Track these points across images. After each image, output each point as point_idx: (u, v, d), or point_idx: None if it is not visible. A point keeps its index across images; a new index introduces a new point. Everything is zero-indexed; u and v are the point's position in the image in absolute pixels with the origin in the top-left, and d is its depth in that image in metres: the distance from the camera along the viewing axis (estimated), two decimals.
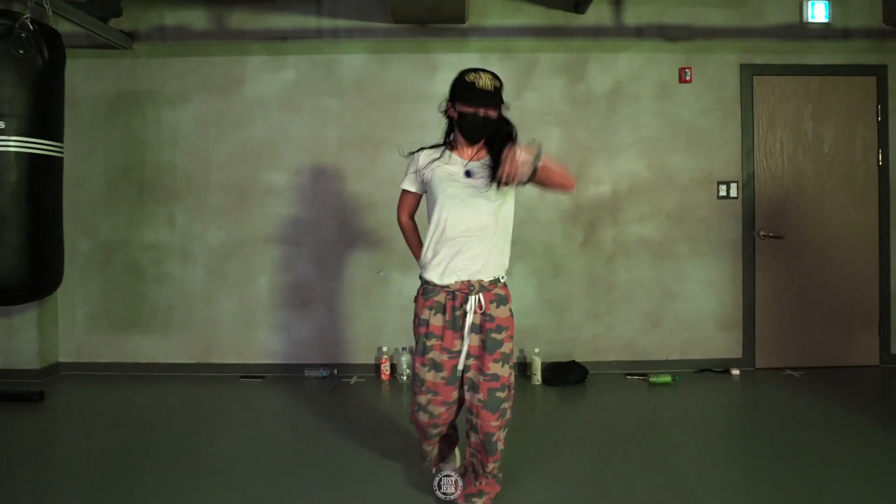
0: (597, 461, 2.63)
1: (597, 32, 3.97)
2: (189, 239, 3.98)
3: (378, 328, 3.95)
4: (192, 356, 3.99)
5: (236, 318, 3.98)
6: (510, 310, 2.06)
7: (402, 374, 3.87)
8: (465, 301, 1.97)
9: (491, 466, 2.06)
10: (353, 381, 3.88)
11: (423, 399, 2.03)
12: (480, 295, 1.98)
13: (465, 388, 2.04)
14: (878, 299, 4.03)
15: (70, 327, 4.02)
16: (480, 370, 1.99)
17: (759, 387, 3.75)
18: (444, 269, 1.98)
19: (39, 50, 2.86)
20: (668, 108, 3.98)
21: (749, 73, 3.99)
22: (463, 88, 1.97)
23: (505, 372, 2.00)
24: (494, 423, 1.98)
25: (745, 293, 4.00)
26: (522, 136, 4.31)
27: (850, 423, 3.02)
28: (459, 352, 1.99)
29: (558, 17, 3.97)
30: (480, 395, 1.98)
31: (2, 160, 2.79)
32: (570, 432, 3.01)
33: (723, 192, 4.00)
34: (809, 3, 3.93)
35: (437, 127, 3.85)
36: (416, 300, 2.09)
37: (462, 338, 1.98)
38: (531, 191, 3.93)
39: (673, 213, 3.98)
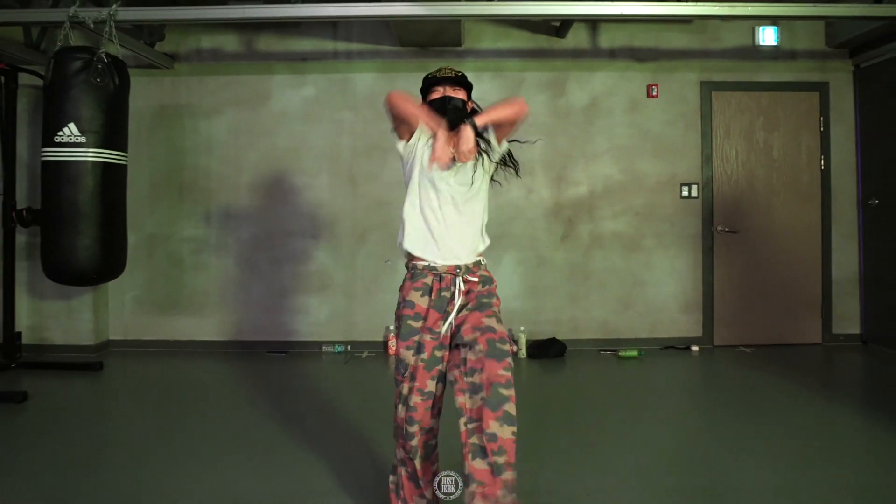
0: (571, 421, 3.14)
1: (576, 54, 4.56)
2: (223, 233, 4.59)
3: (386, 310, 4.54)
4: (224, 334, 4.60)
5: (263, 301, 4.58)
6: (495, 291, 2.01)
7: None
8: (453, 283, 1.92)
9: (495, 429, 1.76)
10: (364, 355, 4.49)
11: (405, 388, 1.93)
12: (462, 277, 1.93)
13: (462, 350, 1.86)
14: (821, 286, 4.62)
15: (119, 309, 4.64)
16: (474, 328, 1.84)
17: (715, 361, 4.34)
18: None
19: (112, 78, 3.46)
20: (637, 119, 4.56)
21: (708, 89, 4.57)
22: (426, 81, 2.08)
23: (502, 328, 1.88)
24: (501, 372, 1.77)
25: (704, 280, 4.59)
26: (511, 144, 4.97)
27: (795, 391, 3.55)
28: (440, 333, 1.90)
29: (542, 41, 4.56)
30: (480, 346, 1.79)
31: (83, 168, 3.40)
32: (550, 397, 3.59)
33: (685, 193, 4.58)
34: (760, 28, 4.51)
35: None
36: (401, 290, 2.01)
37: (445, 319, 1.91)
38: (517, 191, 4.52)
39: (642, 211, 4.57)
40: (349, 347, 4.57)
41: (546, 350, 4.40)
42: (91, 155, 3.43)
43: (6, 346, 4.23)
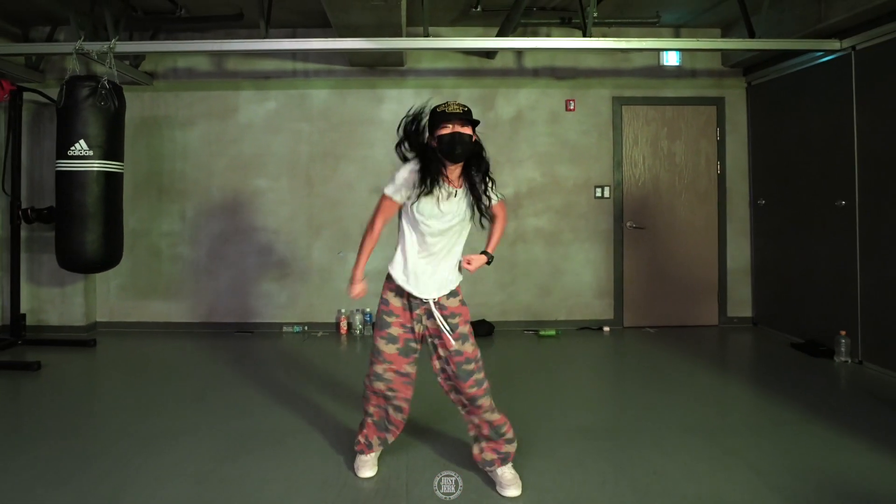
0: (496, 389, 3.81)
1: (503, 73, 5.21)
2: (196, 228, 5.24)
3: (337, 296, 5.20)
4: (197, 317, 5.26)
5: (231, 287, 5.24)
6: (461, 300, 2.40)
7: (356, 330, 5.12)
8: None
9: (486, 421, 2.33)
10: (319, 334, 5.15)
11: (379, 368, 2.32)
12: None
13: (439, 363, 2.34)
14: (718, 275, 5.26)
15: (106, 295, 5.30)
16: (445, 348, 2.28)
17: (624, 339, 4.98)
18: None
19: (113, 101, 4.12)
20: (557, 130, 5.21)
21: (619, 103, 5.22)
22: (434, 117, 2.22)
23: (468, 349, 2.28)
24: (470, 390, 2.26)
25: (615, 269, 5.24)
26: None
27: (692, 364, 4.17)
28: (412, 328, 2.31)
29: (475, 62, 5.22)
30: (451, 368, 2.29)
31: (90, 176, 4.07)
32: None
33: (598, 194, 5.23)
34: (665, 52, 5.14)
35: (381, 145, 5.20)
36: (383, 289, 2.38)
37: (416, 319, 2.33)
38: None
39: (560, 210, 5.22)
40: (306, 328, 5.22)
41: (476, 329, 4.99)
42: (97, 165, 4.10)
43: (13, 325, 4.90)
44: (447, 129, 2.18)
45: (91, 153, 4.06)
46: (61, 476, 2.54)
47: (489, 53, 5.15)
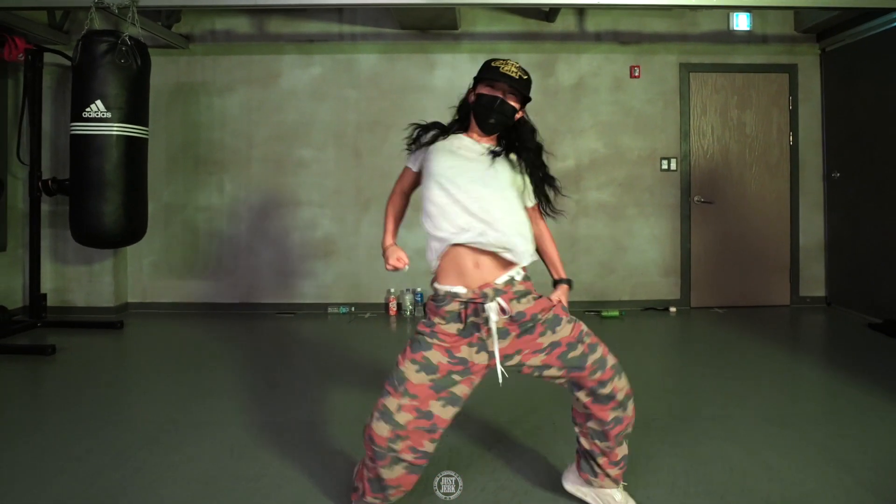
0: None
1: (564, 37, 4.88)
2: (235, 202, 4.88)
3: (387, 275, 4.84)
4: (236, 297, 4.89)
5: (273, 266, 4.87)
6: (533, 297, 1.84)
7: (406, 311, 4.76)
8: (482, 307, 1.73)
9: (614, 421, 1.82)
10: (367, 315, 4.79)
11: (389, 403, 1.70)
12: (497, 300, 1.74)
13: (537, 372, 1.81)
14: (789, 252, 4.96)
15: (138, 273, 4.92)
16: (535, 352, 1.77)
17: (691, 320, 4.67)
18: None
19: (135, 59, 3.75)
20: (620, 98, 4.89)
21: (686, 70, 4.90)
22: (485, 70, 1.81)
23: (565, 332, 1.79)
24: (593, 377, 1.78)
25: (682, 247, 4.92)
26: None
27: (763, 347, 3.85)
28: (462, 359, 1.73)
29: (533, 25, 4.88)
30: (556, 367, 1.78)
31: (108, 141, 3.70)
32: None
33: (664, 166, 4.91)
34: (735, 14, 4.83)
35: (434, 113, 4.74)
36: (427, 305, 1.84)
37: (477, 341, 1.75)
38: None
39: (624, 183, 4.89)
40: (353, 308, 4.86)
41: None
42: (116, 129, 3.73)
43: (33, 306, 4.51)
44: (490, 90, 1.80)
45: (109, 115, 3.70)
46: (59, 467, 2.24)
47: (549, 16, 4.81)
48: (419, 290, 4.82)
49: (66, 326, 4.44)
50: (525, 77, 1.83)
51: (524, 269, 1.82)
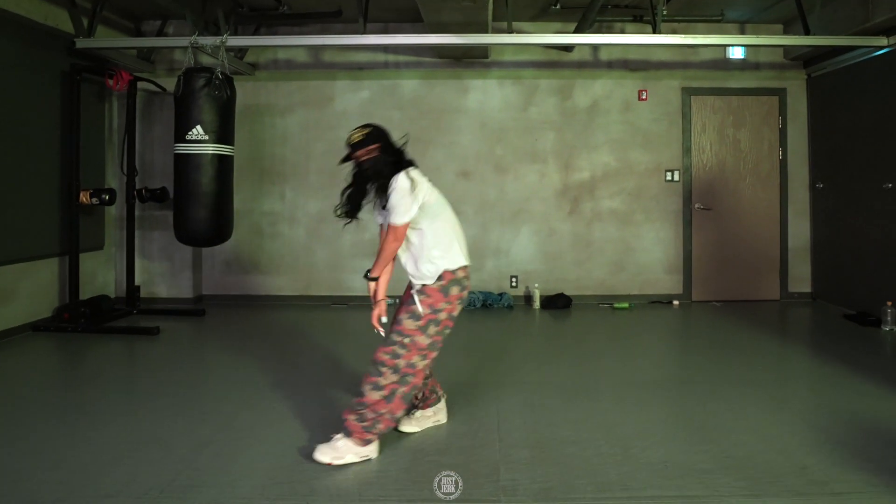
0: (574, 352, 4.14)
1: (580, 65, 5.53)
2: (295, 208, 5.58)
3: None
4: (296, 290, 5.59)
5: (328, 263, 5.57)
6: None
7: None
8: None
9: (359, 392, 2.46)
10: None
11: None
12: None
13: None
14: (779, 253, 5.59)
15: (211, 270, 5.64)
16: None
17: (691, 312, 5.30)
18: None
19: (225, 90, 4.45)
20: (630, 118, 5.52)
21: (688, 93, 5.53)
22: (379, 135, 2.62)
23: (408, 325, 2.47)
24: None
25: (684, 248, 5.55)
26: (528, 138, 6.01)
27: (754, 332, 4.50)
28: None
29: (553, 55, 5.53)
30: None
31: (205, 159, 4.40)
32: (558, 336, 4.60)
33: (668, 178, 5.54)
34: (731, 47, 5.43)
35: (467, 132, 5.53)
36: (450, 295, 2.48)
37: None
38: (533, 175, 5.50)
39: (633, 192, 5.53)
40: (397, 301, 5.52)
41: (555, 302, 5.37)
42: (211, 149, 4.42)
43: (129, 296, 5.24)
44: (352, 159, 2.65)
45: (206, 137, 4.39)
46: (196, 416, 2.91)
47: (567, 47, 5.46)
48: None
49: (156, 313, 5.17)
50: (362, 135, 2.60)
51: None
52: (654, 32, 4.56)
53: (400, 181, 2.42)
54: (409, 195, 2.40)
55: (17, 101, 4.39)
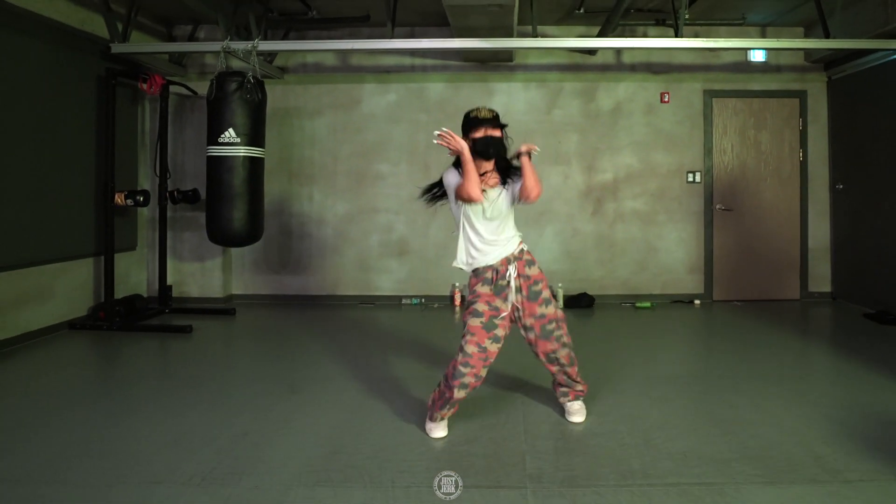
0: (598, 349, 4.17)
1: (604, 68, 5.53)
2: (323, 209, 5.59)
3: (451, 272, 5.51)
4: (324, 290, 5.61)
5: (355, 263, 5.59)
6: (539, 267, 2.64)
7: None
8: (507, 271, 2.54)
9: (563, 371, 2.67)
10: (435, 306, 5.48)
11: (462, 342, 2.48)
12: (515, 264, 2.56)
13: (522, 331, 2.61)
14: (799, 253, 5.60)
15: (241, 269, 5.67)
16: (531, 315, 2.57)
17: (713, 311, 5.32)
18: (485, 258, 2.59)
19: (256, 94, 4.46)
20: (652, 120, 5.52)
21: (710, 96, 5.53)
22: (470, 121, 2.55)
23: (550, 311, 2.58)
24: (551, 346, 2.59)
25: (705, 248, 5.56)
26: (552, 140, 6.02)
27: (775, 331, 4.52)
28: (497, 307, 2.51)
29: (577, 58, 5.54)
30: (535, 331, 2.58)
31: (238, 161, 4.42)
32: (584, 335, 4.61)
33: (690, 179, 5.54)
34: (752, 50, 5.42)
35: None
36: (469, 285, 2.60)
37: (505, 298, 2.54)
38: (557, 177, 5.50)
39: (655, 193, 5.53)
40: (423, 300, 5.55)
41: (578, 301, 5.38)
42: (243, 151, 4.44)
43: (161, 295, 5.26)
44: (479, 132, 2.50)
45: (238, 140, 4.41)
46: (233, 409, 2.97)
47: (591, 50, 5.46)
48: None
49: (188, 312, 5.20)
50: (495, 114, 2.57)
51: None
52: (677, 36, 4.56)
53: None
54: None
55: (54, 104, 4.46)
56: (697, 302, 5.53)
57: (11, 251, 4.08)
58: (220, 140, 4.41)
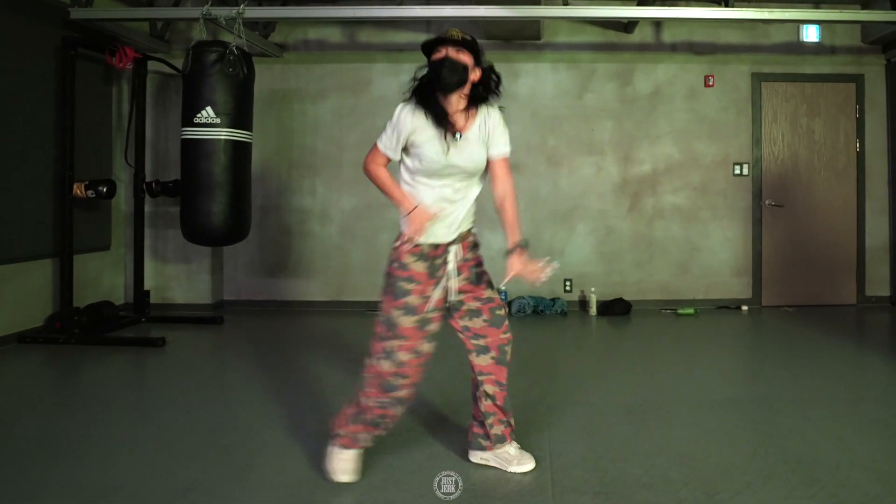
0: (637, 363, 3.51)
1: (641, 48, 4.86)
2: (327, 204, 4.86)
3: None
4: (328, 295, 4.88)
5: (363, 265, 4.85)
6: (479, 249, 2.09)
7: None
8: (446, 249, 1.93)
9: (500, 393, 2.02)
10: None
11: (390, 346, 1.89)
12: (459, 244, 1.96)
13: (464, 319, 2.00)
14: (856, 254, 5.00)
15: (233, 272, 4.92)
16: (477, 299, 1.99)
17: (762, 318, 4.70)
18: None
19: (241, 68, 3.71)
20: (695, 106, 4.88)
21: (758, 79, 4.90)
22: (428, 44, 1.93)
23: (495, 295, 2.03)
24: (504, 335, 2.02)
25: (753, 248, 4.92)
26: (584, 128, 5.32)
27: (833, 342, 3.93)
28: (429, 297, 1.90)
29: (612, 36, 4.86)
30: (484, 316, 1.99)
31: (217, 145, 3.70)
32: (620, 347, 4.01)
33: (737, 171, 4.89)
34: (804, 26, 4.79)
35: (518, 121, 4.84)
36: (396, 251, 1.94)
37: (436, 283, 1.92)
38: (589, 168, 4.83)
39: (698, 187, 4.88)
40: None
41: (613, 308, 4.72)
42: (224, 134, 3.72)
43: (137, 302, 4.47)
44: (439, 54, 1.87)
45: (218, 121, 3.70)
46: (183, 451, 2.28)
47: (627, 27, 4.79)
48: (503, 288, 4.76)
49: (169, 321, 4.46)
50: (468, 36, 1.92)
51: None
52: (727, 5, 3.91)
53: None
54: None
55: (4, 79, 3.66)
56: (745, 308, 4.87)
57: None
58: (196, 120, 3.68)
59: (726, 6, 4.01)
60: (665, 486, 1.97)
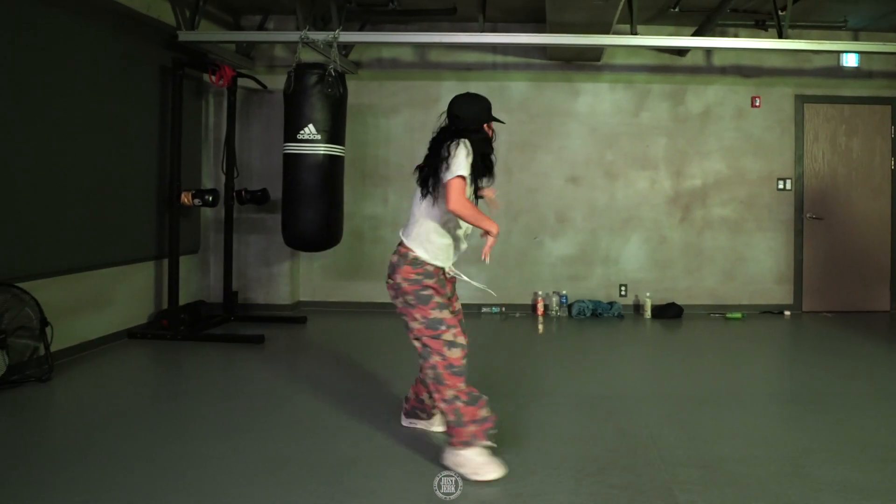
0: (694, 363, 3.77)
1: (693, 70, 5.08)
2: (398, 212, 5.05)
3: (534, 278, 5.06)
4: None
5: None
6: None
7: (552, 311, 4.92)
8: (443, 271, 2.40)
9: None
10: (517, 315, 4.96)
11: (449, 335, 2.16)
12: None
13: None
14: (890, 263, 5.26)
15: (309, 275, 5.11)
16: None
17: (803, 323, 4.96)
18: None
19: (338, 88, 3.90)
20: (742, 125, 5.09)
21: (801, 101, 5.12)
22: (489, 111, 2.38)
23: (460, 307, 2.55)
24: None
25: (795, 257, 5.15)
26: (640, 144, 5.57)
27: (873, 343, 4.22)
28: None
29: (666, 59, 5.08)
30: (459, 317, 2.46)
31: (317, 159, 3.90)
32: (678, 347, 4.28)
33: (780, 186, 5.12)
34: (844, 54, 5.00)
35: (577, 136, 5.04)
36: (417, 276, 2.26)
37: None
38: (644, 182, 5.03)
39: (745, 200, 5.10)
40: (504, 309, 5.01)
41: (666, 311, 4.92)
42: (323, 148, 3.91)
43: (226, 302, 4.65)
44: (490, 130, 2.40)
45: (318, 137, 3.93)
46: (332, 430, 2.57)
47: (680, 51, 5.01)
48: (564, 292, 4.97)
49: (255, 321, 4.63)
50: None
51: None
52: (781, 37, 4.18)
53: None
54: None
55: (115, 95, 3.91)
56: (787, 313, 5.10)
57: (67, 254, 3.52)
58: (299, 136, 3.91)
59: (781, 38, 4.21)
60: (754, 461, 2.27)
